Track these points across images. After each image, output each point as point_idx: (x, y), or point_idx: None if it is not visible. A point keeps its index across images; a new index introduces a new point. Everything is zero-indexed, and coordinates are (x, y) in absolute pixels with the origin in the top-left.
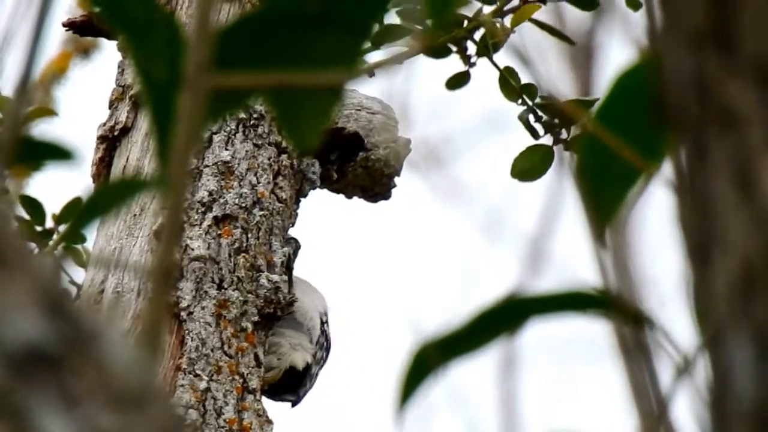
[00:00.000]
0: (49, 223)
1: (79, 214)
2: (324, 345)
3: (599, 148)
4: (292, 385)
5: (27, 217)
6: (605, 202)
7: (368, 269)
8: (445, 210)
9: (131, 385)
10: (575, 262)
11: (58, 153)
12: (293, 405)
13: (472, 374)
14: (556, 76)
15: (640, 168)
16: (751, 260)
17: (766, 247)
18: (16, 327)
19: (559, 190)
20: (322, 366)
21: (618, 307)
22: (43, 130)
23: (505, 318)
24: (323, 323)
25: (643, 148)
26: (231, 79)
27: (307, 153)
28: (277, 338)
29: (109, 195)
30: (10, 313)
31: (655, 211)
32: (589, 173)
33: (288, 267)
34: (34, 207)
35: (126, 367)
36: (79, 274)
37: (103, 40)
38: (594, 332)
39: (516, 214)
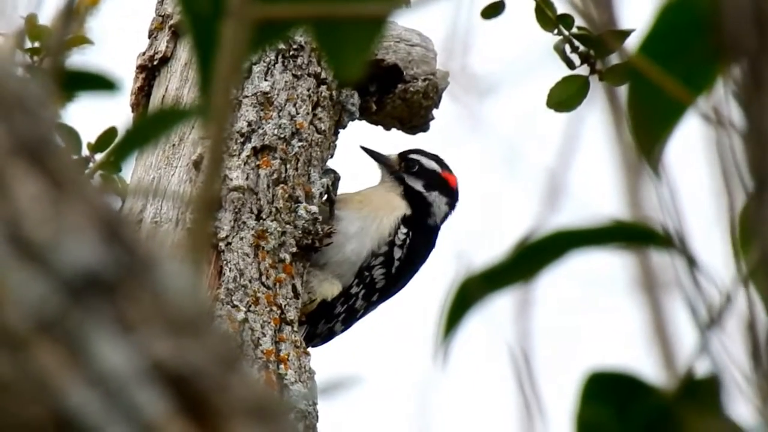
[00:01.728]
0: (85, 152)
1: (121, 143)
2: (358, 294)
3: (644, 80)
4: (324, 316)
5: (64, 145)
6: (652, 133)
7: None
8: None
9: (186, 312)
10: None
11: (103, 83)
12: (325, 341)
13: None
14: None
15: (684, 100)
16: None
17: None
18: (73, 252)
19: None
20: (360, 305)
21: (661, 241)
22: (79, 59)
23: (547, 250)
24: (363, 271)
25: (687, 81)
26: (274, 10)
27: (349, 83)
28: (307, 277)
29: (152, 124)
30: (68, 238)
31: (690, 144)
32: (635, 104)
33: (329, 198)
34: (71, 136)
35: (181, 294)
36: (116, 203)
37: None
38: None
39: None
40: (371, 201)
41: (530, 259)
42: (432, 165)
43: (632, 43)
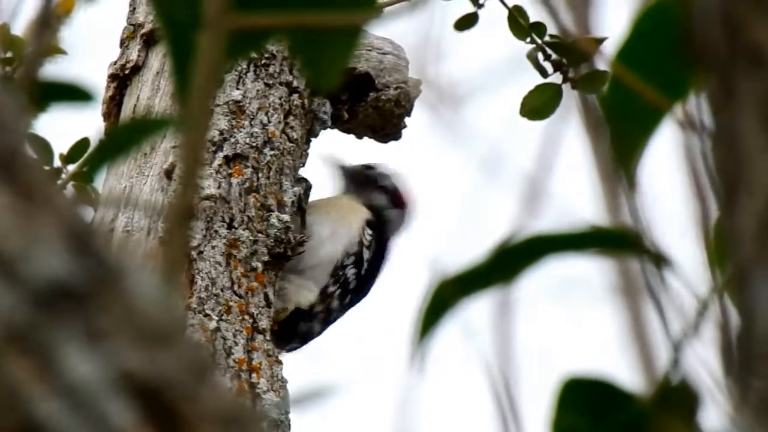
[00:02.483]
0: (57, 163)
1: (95, 153)
2: (336, 293)
3: (622, 88)
4: (297, 325)
5: (35, 156)
6: (629, 142)
7: None
8: (452, 149)
9: (156, 322)
10: (573, 201)
11: (78, 93)
12: (298, 348)
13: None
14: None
15: (662, 108)
16: None
17: None
18: (42, 262)
19: (557, 129)
20: (336, 306)
21: (638, 247)
22: (52, 69)
23: (523, 255)
24: (338, 271)
25: (664, 88)
26: (250, 20)
27: (326, 92)
28: (280, 282)
29: (125, 134)
30: (37, 249)
31: (664, 150)
32: (612, 112)
33: (300, 207)
34: (43, 146)
35: (151, 304)
36: (88, 214)
37: None
38: (592, 273)
39: (517, 152)
40: (338, 205)
41: (507, 263)
42: (389, 181)
43: (607, 50)
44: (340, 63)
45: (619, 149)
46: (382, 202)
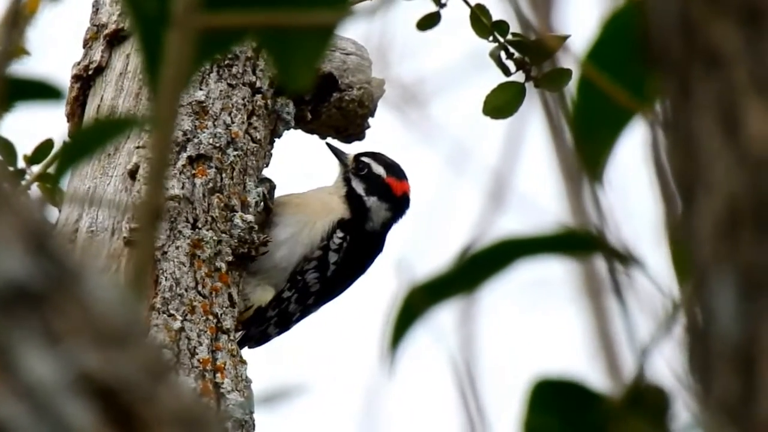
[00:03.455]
0: (21, 164)
1: (62, 154)
2: (292, 297)
3: (591, 89)
4: (258, 319)
5: None
6: (598, 142)
7: None
8: (416, 148)
9: (114, 323)
10: (538, 197)
11: (47, 91)
12: (259, 344)
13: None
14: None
15: (631, 109)
16: (735, 201)
17: (751, 188)
18: (0, 264)
19: (522, 126)
20: (299, 311)
21: (606, 248)
22: (19, 69)
23: (493, 260)
24: (296, 275)
25: (633, 89)
26: (220, 19)
27: (296, 93)
28: (243, 285)
29: (92, 135)
30: None
31: (630, 150)
32: (581, 114)
33: (265, 207)
34: (6, 147)
35: (109, 306)
36: (53, 214)
37: None
38: (556, 275)
39: (481, 149)
40: (308, 204)
41: (475, 269)
42: (379, 170)
43: (570, 48)
44: (311, 63)
45: (587, 150)
46: (362, 189)
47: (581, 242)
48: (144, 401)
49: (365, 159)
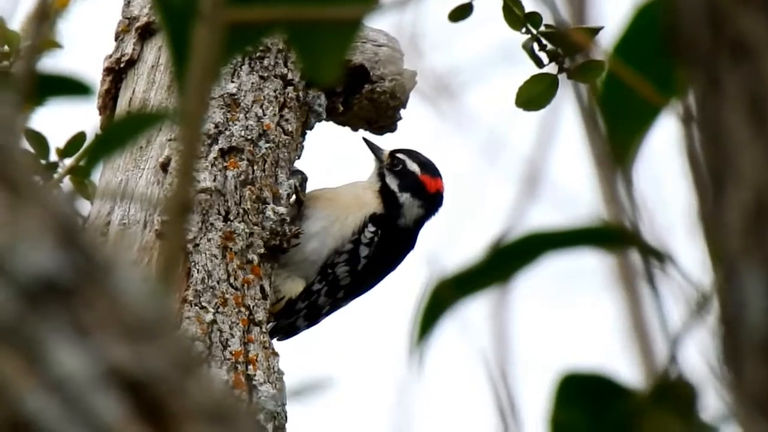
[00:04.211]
0: (53, 157)
1: (94, 147)
2: (322, 291)
3: (618, 83)
4: (288, 311)
5: (31, 150)
6: (625, 136)
7: None
8: (448, 138)
9: (143, 317)
10: (571, 186)
11: (77, 87)
12: (288, 336)
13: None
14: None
15: (658, 102)
16: (764, 193)
17: None
18: (29, 258)
19: (554, 116)
20: (329, 304)
21: (636, 242)
22: (49, 63)
23: (521, 253)
24: (327, 268)
25: (660, 83)
26: (247, 13)
27: (324, 86)
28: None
29: (124, 128)
30: (24, 244)
31: (662, 143)
32: (608, 107)
33: (297, 199)
34: (39, 141)
35: (138, 299)
36: (85, 207)
37: None
38: (588, 266)
39: (514, 139)
40: (341, 199)
41: (504, 262)
42: (413, 167)
43: (603, 41)
44: (338, 56)
45: (614, 143)
46: (396, 185)
47: (611, 236)
48: (173, 394)
49: (400, 155)
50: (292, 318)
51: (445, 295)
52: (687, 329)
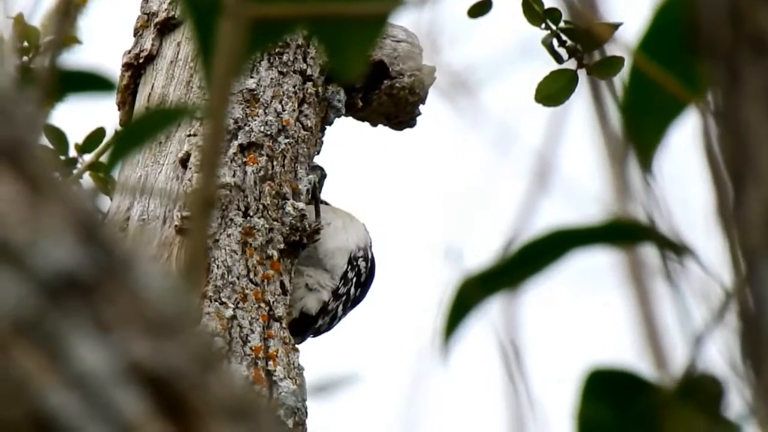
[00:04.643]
0: (72, 153)
1: (117, 143)
2: (353, 282)
3: (643, 79)
4: (304, 325)
5: (50, 146)
6: (649, 132)
7: (392, 196)
8: (464, 134)
9: (165, 312)
10: (583, 181)
11: (99, 83)
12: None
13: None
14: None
15: (683, 98)
16: None
17: None
18: (50, 254)
19: (567, 110)
20: (351, 302)
21: (659, 238)
22: (69, 59)
23: (546, 251)
24: (353, 260)
25: (685, 79)
26: (272, 9)
27: (346, 81)
28: (296, 278)
29: (146, 124)
30: (45, 240)
31: (682, 139)
32: (633, 104)
33: (314, 195)
34: (58, 137)
35: (159, 294)
36: (105, 203)
37: None
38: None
39: (526, 134)
40: (339, 210)
41: (529, 259)
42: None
43: (621, 36)
44: (362, 52)
45: (638, 139)
46: None
47: (634, 232)
48: (195, 390)
49: None
50: (324, 322)
51: (471, 293)
52: (709, 325)
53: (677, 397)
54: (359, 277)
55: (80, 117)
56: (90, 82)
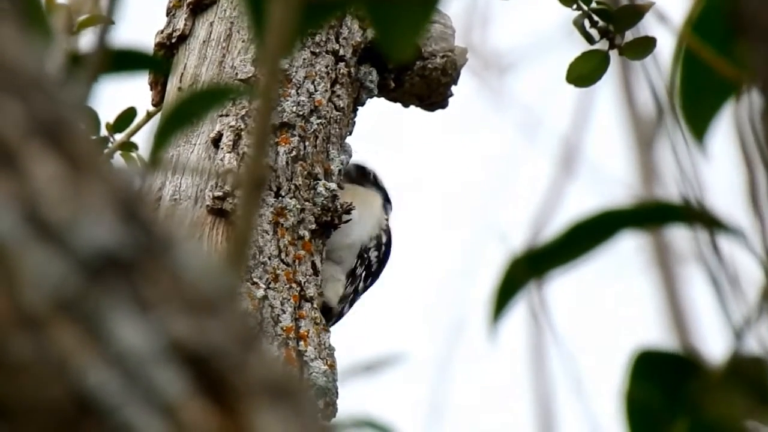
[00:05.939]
0: (103, 132)
1: (165, 124)
2: (361, 275)
3: (695, 60)
4: (326, 317)
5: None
6: (702, 112)
7: (422, 176)
8: (491, 115)
9: (205, 291)
10: (608, 164)
11: (149, 62)
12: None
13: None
14: None
15: (734, 79)
16: None
17: None
18: (91, 232)
19: (593, 93)
20: (361, 287)
21: (708, 219)
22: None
23: (596, 231)
24: (363, 253)
25: (736, 60)
26: None
27: (399, 63)
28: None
29: (194, 105)
30: (85, 219)
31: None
32: (686, 86)
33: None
34: (90, 116)
35: (200, 273)
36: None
37: None
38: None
39: (553, 117)
40: (355, 193)
41: (578, 240)
42: (384, 182)
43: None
44: (414, 33)
45: (691, 120)
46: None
47: (683, 214)
48: (235, 369)
49: (369, 170)
50: (344, 302)
51: (519, 274)
52: (756, 309)
53: (724, 380)
54: (369, 267)
55: (108, 96)
56: (141, 62)
